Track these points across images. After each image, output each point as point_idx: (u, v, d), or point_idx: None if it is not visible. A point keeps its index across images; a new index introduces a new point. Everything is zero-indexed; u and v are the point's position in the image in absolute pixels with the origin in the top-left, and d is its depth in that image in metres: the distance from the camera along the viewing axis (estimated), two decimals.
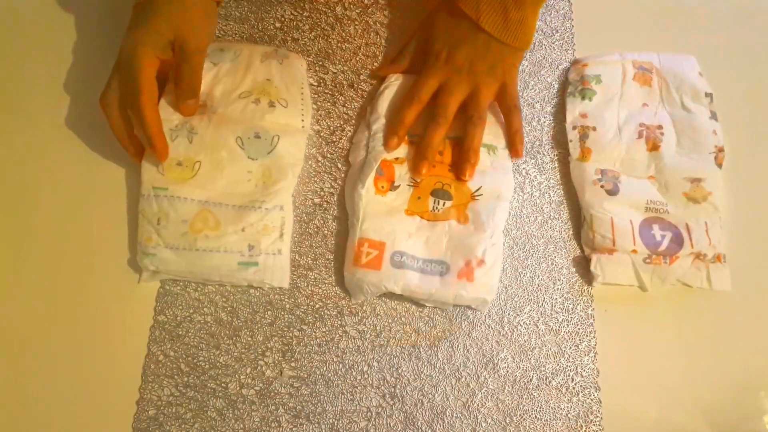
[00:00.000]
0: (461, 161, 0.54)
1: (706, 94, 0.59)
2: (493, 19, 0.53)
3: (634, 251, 0.52)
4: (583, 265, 0.54)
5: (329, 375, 0.49)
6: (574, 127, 0.58)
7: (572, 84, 0.60)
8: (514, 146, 0.56)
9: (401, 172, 0.54)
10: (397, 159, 0.55)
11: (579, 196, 0.56)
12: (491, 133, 0.57)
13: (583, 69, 0.60)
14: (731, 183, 0.56)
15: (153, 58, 0.49)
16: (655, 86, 0.60)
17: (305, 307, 0.51)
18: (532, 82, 0.61)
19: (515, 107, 0.56)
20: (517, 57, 0.57)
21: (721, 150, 0.56)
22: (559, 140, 0.59)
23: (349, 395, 0.49)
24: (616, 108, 0.59)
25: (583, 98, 0.59)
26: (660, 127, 0.57)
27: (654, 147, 0.57)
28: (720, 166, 0.56)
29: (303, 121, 0.56)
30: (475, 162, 0.54)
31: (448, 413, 0.49)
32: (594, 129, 0.58)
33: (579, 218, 0.56)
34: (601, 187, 0.55)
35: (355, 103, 0.59)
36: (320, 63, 0.61)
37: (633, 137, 0.57)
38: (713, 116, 0.58)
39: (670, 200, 0.55)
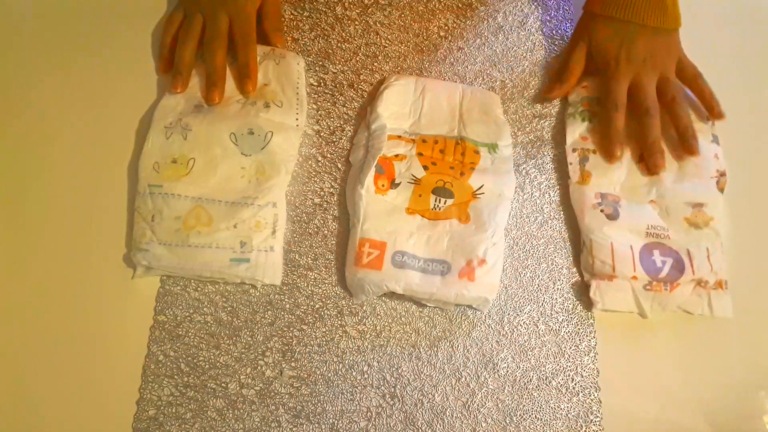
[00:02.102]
0: (686, 147, 0.55)
1: (708, 117, 0.58)
2: (656, 15, 0.56)
3: (634, 278, 0.51)
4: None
5: (329, 375, 0.49)
6: (574, 150, 0.57)
7: (572, 105, 0.59)
8: (712, 109, 0.58)
9: (401, 169, 0.54)
10: (397, 156, 0.55)
11: (578, 221, 0.55)
12: (492, 131, 0.57)
13: (583, 91, 0.60)
14: (733, 208, 0.56)
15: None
16: None
17: (305, 307, 0.51)
18: (533, 83, 0.61)
19: (698, 74, 0.58)
20: (677, 33, 0.59)
21: (722, 174, 0.56)
22: (559, 140, 0.59)
23: (349, 395, 0.49)
24: None
25: (583, 120, 0.58)
26: (661, 150, 0.56)
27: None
28: (722, 190, 0.55)
29: (297, 119, 0.56)
30: (696, 142, 0.55)
31: (448, 413, 0.49)
32: (594, 152, 0.57)
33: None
34: (601, 211, 0.54)
35: (355, 103, 0.59)
36: (320, 63, 0.61)
37: (633, 161, 0.56)
38: (715, 140, 0.57)
39: (671, 225, 0.54)
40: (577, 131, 0.58)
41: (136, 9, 0.62)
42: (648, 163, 0.55)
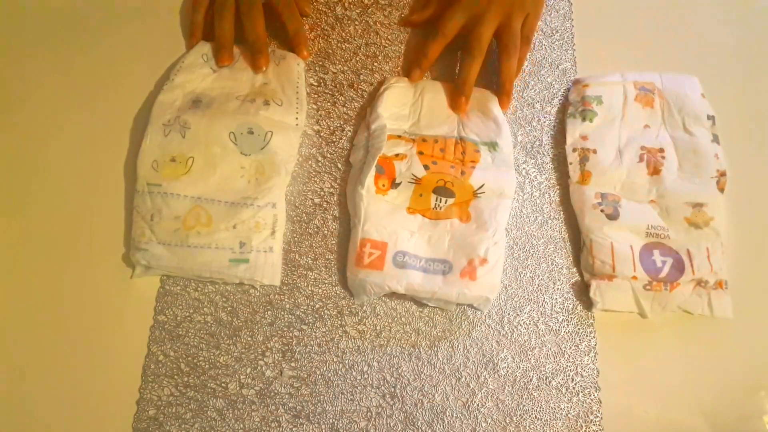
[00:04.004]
0: (500, 92, 0.56)
1: (708, 117, 0.58)
2: None
3: (634, 278, 0.51)
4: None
5: (329, 375, 0.49)
6: (574, 150, 0.57)
7: (573, 105, 0.59)
8: (500, 85, 0.58)
9: (402, 169, 0.54)
10: (397, 155, 0.54)
11: (579, 221, 0.55)
12: (492, 130, 0.57)
13: (584, 90, 0.59)
14: (733, 208, 0.55)
15: None
16: (657, 107, 0.59)
17: (305, 307, 0.51)
18: (532, 82, 0.61)
19: (529, 40, 0.57)
20: None
21: (723, 174, 0.55)
22: (559, 140, 0.59)
23: (349, 395, 0.49)
24: (617, 130, 0.58)
25: (583, 119, 0.58)
26: (661, 150, 0.56)
27: (655, 171, 0.56)
28: (722, 190, 0.55)
29: (297, 118, 0.56)
30: (509, 92, 0.56)
31: (448, 413, 0.49)
32: (594, 152, 0.57)
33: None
34: (601, 211, 0.54)
35: (355, 103, 0.59)
36: (320, 63, 0.61)
37: (634, 161, 0.56)
38: (715, 139, 0.57)
39: (671, 225, 0.54)
40: (577, 131, 0.58)
41: (130, 7, 0.62)
42: (449, 101, 0.56)
